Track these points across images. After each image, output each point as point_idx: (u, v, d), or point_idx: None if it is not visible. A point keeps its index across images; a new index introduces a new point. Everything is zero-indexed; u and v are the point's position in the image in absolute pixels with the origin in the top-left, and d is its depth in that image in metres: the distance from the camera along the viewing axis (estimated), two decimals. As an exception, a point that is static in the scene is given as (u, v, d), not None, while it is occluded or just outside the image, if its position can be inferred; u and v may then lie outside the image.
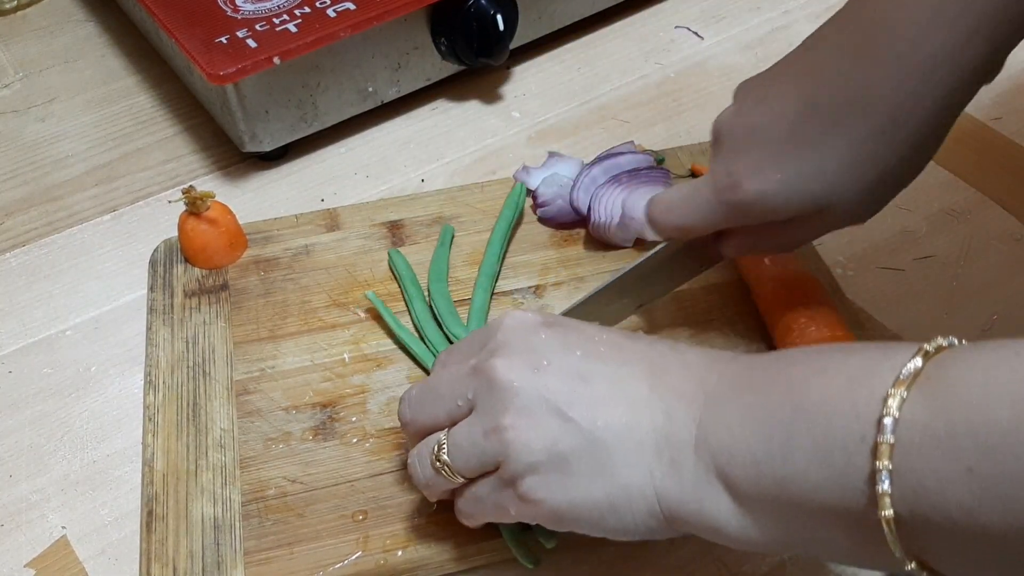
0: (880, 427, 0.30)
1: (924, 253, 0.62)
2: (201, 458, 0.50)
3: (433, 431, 0.42)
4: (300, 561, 0.46)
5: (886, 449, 0.30)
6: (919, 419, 0.30)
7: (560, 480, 0.38)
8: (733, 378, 0.37)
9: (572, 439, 0.37)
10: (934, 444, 0.30)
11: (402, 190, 0.67)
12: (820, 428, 0.33)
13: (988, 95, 0.72)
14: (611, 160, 0.62)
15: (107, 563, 0.49)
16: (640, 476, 0.37)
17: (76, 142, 0.72)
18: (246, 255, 0.60)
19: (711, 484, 0.36)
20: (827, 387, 0.33)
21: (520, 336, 0.40)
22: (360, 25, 0.64)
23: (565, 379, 0.38)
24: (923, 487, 0.30)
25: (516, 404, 0.38)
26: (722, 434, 0.36)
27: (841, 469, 0.32)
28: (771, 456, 0.34)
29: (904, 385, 0.31)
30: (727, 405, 0.36)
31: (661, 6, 0.82)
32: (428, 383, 0.43)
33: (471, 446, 0.39)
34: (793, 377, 0.35)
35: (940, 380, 0.31)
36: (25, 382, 0.57)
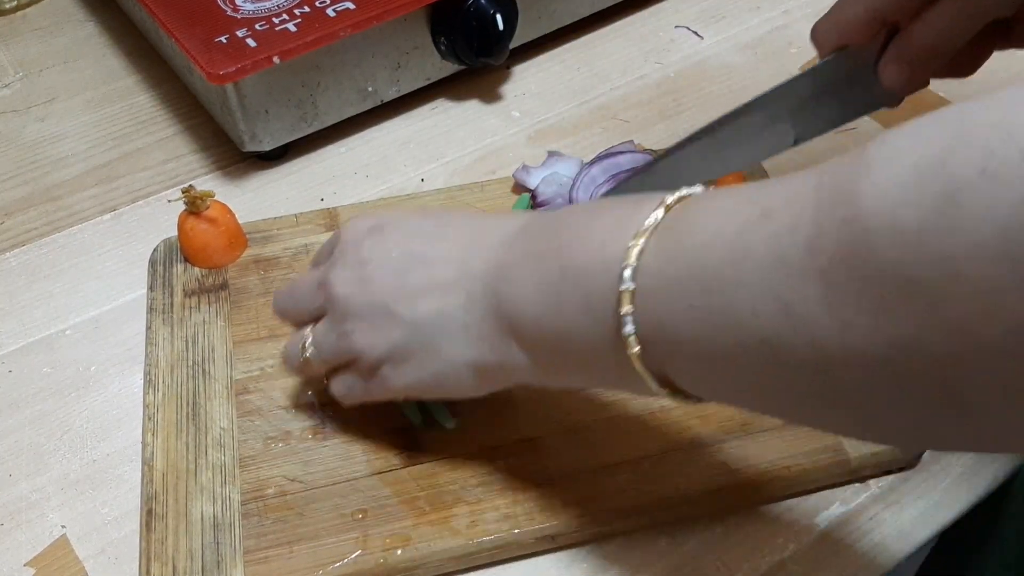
0: (621, 277, 0.35)
1: (924, 252, 0.62)
2: (201, 457, 0.50)
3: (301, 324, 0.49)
4: (300, 560, 0.46)
5: (626, 296, 0.35)
6: (653, 266, 0.35)
7: (403, 365, 0.44)
8: (520, 249, 0.42)
9: (401, 332, 0.44)
10: (664, 287, 0.34)
11: (402, 190, 0.68)
12: (582, 285, 0.37)
13: (988, 95, 0.72)
14: (611, 159, 0.62)
15: (107, 562, 0.49)
16: (459, 349, 0.43)
17: (76, 142, 0.72)
18: (246, 254, 0.60)
19: (510, 344, 0.42)
20: (586, 248, 0.38)
21: (351, 247, 0.46)
22: (360, 25, 0.64)
23: (386, 280, 0.44)
24: (659, 325, 0.35)
25: (352, 311, 0.45)
26: (511, 301, 0.41)
27: (599, 318, 0.37)
28: (547, 313, 0.39)
29: (644, 235, 0.35)
30: (514, 274, 0.41)
31: (661, 6, 0.82)
32: (292, 284, 0.50)
33: (328, 345, 0.46)
34: (561, 242, 0.39)
35: (674, 229, 0.35)
36: (25, 381, 0.57)
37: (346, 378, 0.48)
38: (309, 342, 0.47)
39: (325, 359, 0.47)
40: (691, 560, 0.47)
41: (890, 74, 0.48)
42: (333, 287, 0.45)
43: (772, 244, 0.31)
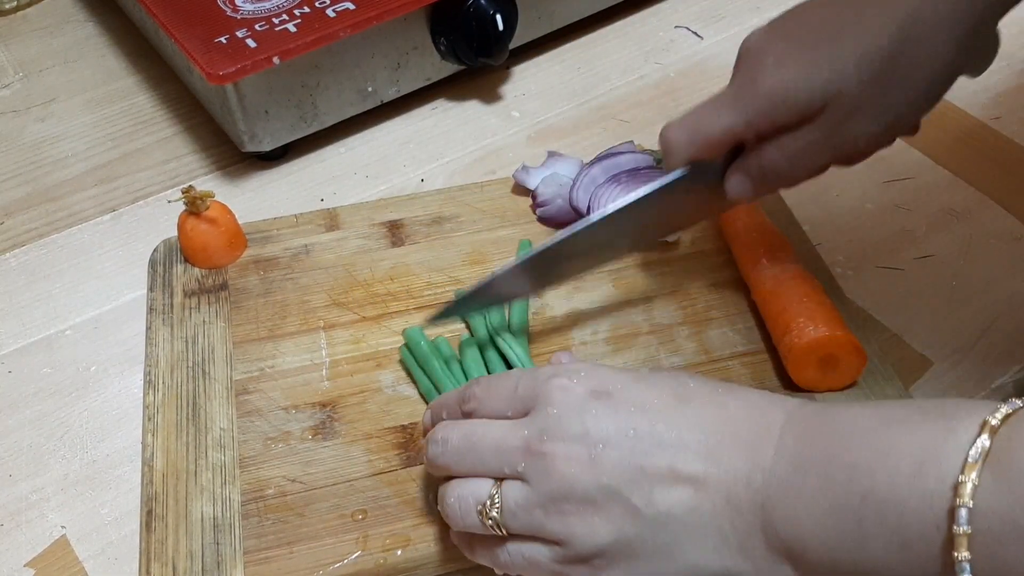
0: (954, 517, 0.30)
1: (924, 253, 0.62)
2: (201, 458, 0.50)
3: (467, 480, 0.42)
4: (300, 560, 0.46)
5: (963, 540, 0.30)
6: (994, 507, 0.30)
7: (627, 563, 0.38)
8: (791, 455, 0.36)
9: (636, 525, 0.38)
10: (1014, 533, 0.29)
11: (402, 190, 0.68)
12: (892, 517, 0.32)
13: (988, 95, 0.72)
14: (611, 160, 0.62)
15: (107, 563, 0.49)
16: (708, 557, 0.37)
17: (76, 142, 0.72)
18: (246, 255, 0.60)
19: (782, 568, 0.36)
20: (893, 474, 0.33)
21: (572, 413, 0.39)
22: (360, 25, 0.64)
23: (623, 464, 0.38)
24: (1005, 570, 0.30)
25: (577, 494, 0.38)
26: (790, 522, 0.35)
27: (919, 557, 0.32)
28: (844, 544, 0.34)
29: (974, 470, 0.30)
30: (790, 490, 0.36)
31: (661, 6, 0.82)
32: (470, 435, 0.42)
33: (529, 518, 0.39)
34: (855, 460, 0.34)
35: (1011, 462, 0.30)
36: (25, 382, 0.57)
37: (532, 551, 0.40)
38: (496, 506, 0.40)
39: (519, 529, 0.40)
40: (691, 560, 0.47)
41: (735, 187, 0.49)
42: (553, 460, 0.38)
43: None
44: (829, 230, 0.63)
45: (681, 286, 0.59)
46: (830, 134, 0.46)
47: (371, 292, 0.58)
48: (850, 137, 0.46)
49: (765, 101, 0.45)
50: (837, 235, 0.63)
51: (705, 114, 0.48)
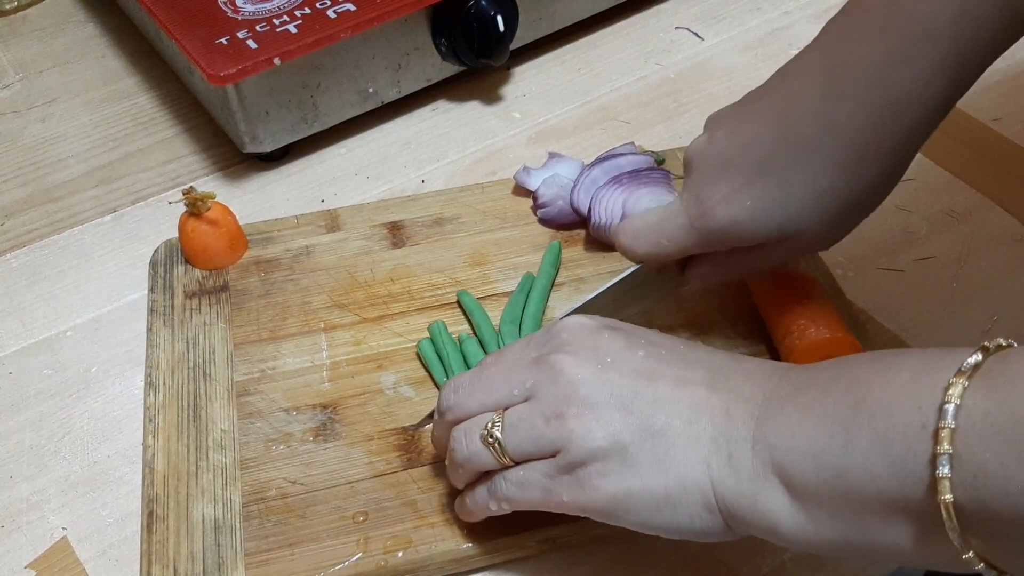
0: (941, 413, 0.31)
1: (924, 254, 0.62)
2: (202, 459, 0.50)
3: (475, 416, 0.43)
4: (301, 562, 0.46)
5: (947, 434, 0.31)
6: (980, 407, 0.31)
7: (619, 469, 0.38)
8: (793, 380, 0.38)
9: (633, 431, 0.38)
10: (996, 431, 0.30)
11: (402, 191, 0.68)
12: (881, 419, 0.33)
13: (988, 96, 0.72)
14: (611, 161, 0.62)
15: (108, 564, 0.49)
16: (697, 469, 0.38)
17: (76, 143, 0.72)
18: (246, 256, 0.60)
19: (768, 479, 0.37)
20: (889, 382, 0.34)
21: (583, 335, 0.41)
22: (360, 26, 0.64)
23: (628, 376, 0.40)
24: (984, 473, 0.30)
25: (580, 394, 0.39)
26: (781, 429, 0.36)
27: (901, 456, 0.33)
28: (830, 449, 0.35)
29: (965, 375, 0.32)
30: (787, 403, 0.37)
31: (661, 6, 0.82)
32: (481, 371, 0.43)
33: (529, 429, 0.40)
34: (856, 375, 0.36)
35: (1002, 373, 0.32)
36: (26, 383, 0.57)
37: (525, 473, 0.41)
38: (498, 425, 0.41)
39: (519, 445, 0.40)
40: (691, 561, 0.47)
41: (695, 283, 0.52)
42: (561, 363, 0.40)
43: None
44: (830, 231, 0.63)
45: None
46: (789, 254, 0.48)
47: (372, 293, 0.58)
48: (807, 253, 0.49)
49: (720, 235, 0.47)
50: (838, 236, 0.63)
51: (660, 233, 0.49)
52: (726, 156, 0.46)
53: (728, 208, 0.45)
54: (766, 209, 0.45)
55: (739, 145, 0.46)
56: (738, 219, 0.45)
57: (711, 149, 0.47)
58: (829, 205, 0.45)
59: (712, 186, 0.46)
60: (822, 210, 0.45)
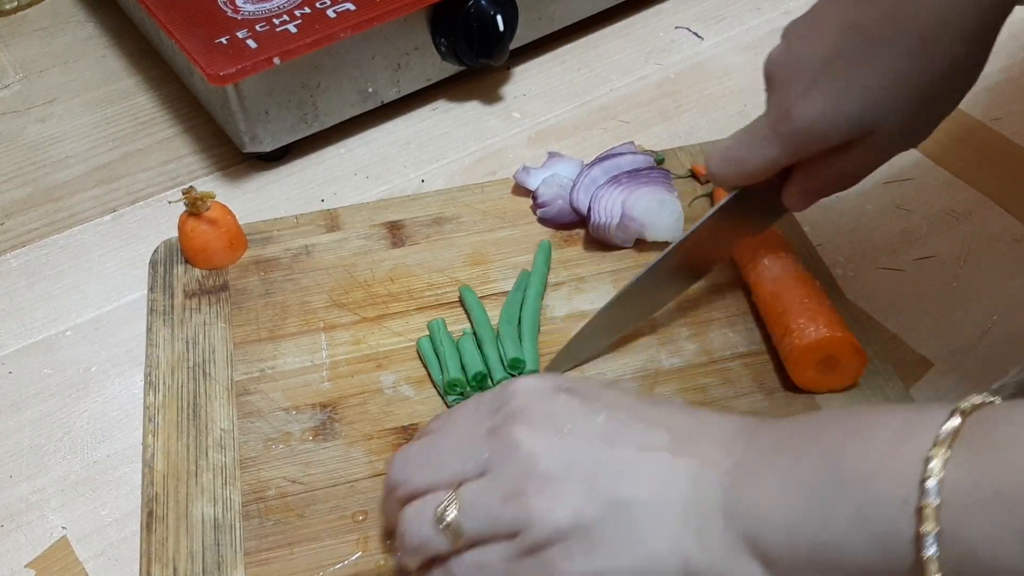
0: (923, 489, 0.30)
1: (924, 253, 0.62)
2: (201, 458, 0.50)
3: (426, 494, 0.40)
4: (300, 561, 0.46)
5: (931, 512, 0.30)
6: (964, 480, 0.30)
7: (584, 550, 0.36)
8: (763, 443, 0.36)
9: (597, 507, 0.36)
10: (982, 506, 0.29)
11: (402, 190, 0.68)
12: (859, 492, 0.32)
13: (988, 95, 0.72)
14: (611, 160, 0.62)
15: (107, 563, 0.49)
16: (666, 545, 0.36)
17: (76, 143, 0.72)
18: (246, 255, 0.61)
19: (741, 554, 0.35)
20: (865, 450, 0.33)
21: (538, 401, 0.39)
22: (360, 25, 0.64)
23: (589, 444, 0.37)
24: (972, 549, 0.29)
25: (539, 470, 0.37)
26: (754, 501, 0.35)
27: (883, 533, 0.31)
28: (807, 522, 0.33)
29: (945, 445, 0.30)
30: (758, 471, 0.35)
31: (661, 6, 0.82)
32: (431, 442, 0.41)
33: (486, 510, 0.38)
34: (829, 440, 0.34)
35: (981, 440, 0.30)
36: (25, 382, 0.57)
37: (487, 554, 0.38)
38: (451, 506, 0.38)
39: (477, 528, 0.38)
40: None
41: (795, 203, 0.50)
42: (517, 435, 0.38)
43: None
44: (829, 230, 0.63)
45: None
46: (876, 154, 0.47)
47: (371, 293, 0.58)
48: (896, 151, 0.47)
49: (803, 137, 0.46)
50: (837, 235, 0.63)
51: (746, 148, 0.48)
52: (800, 58, 0.45)
53: (806, 107, 0.45)
54: (843, 103, 0.44)
55: (812, 46, 0.45)
56: (816, 117, 0.45)
57: (786, 56, 0.46)
58: (904, 94, 0.44)
59: (789, 89, 0.46)
60: (898, 99, 0.44)
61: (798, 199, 0.50)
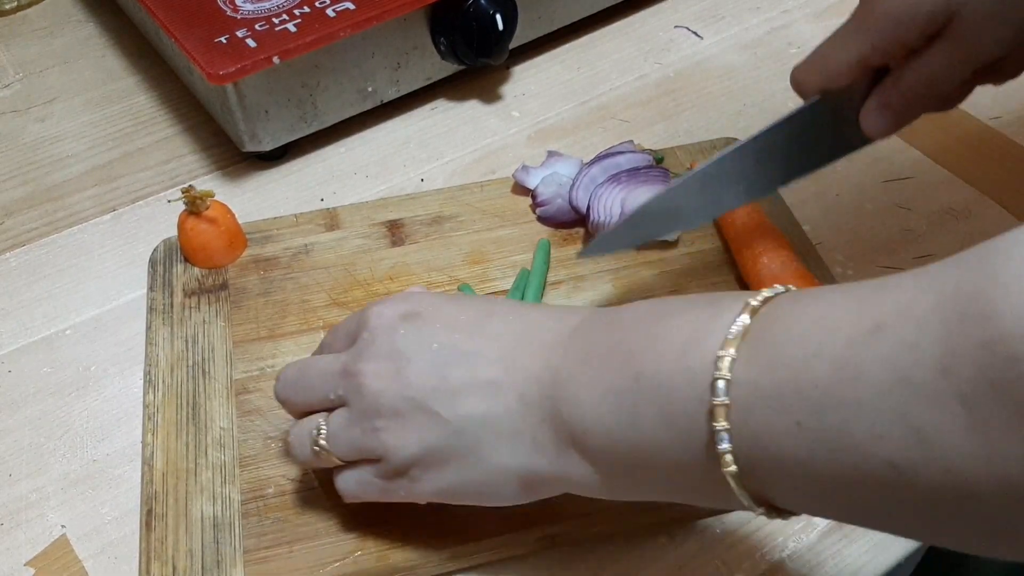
0: (714, 389, 0.33)
1: (923, 252, 0.62)
2: (201, 457, 0.50)
3: (308, 413, 0.45)
4: (300, 559, 0.46)
5: (721, 410, 0.32)
6: (748, 378, 0.32)
7: (436, 469, 0.41)
8: (575, 352, 0.39)
9: (440, 433, 0.40)
10: (764, 402, 0.32)
11: (402, 189, 0.68)
12: (662, 395, 0.35)
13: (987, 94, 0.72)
14: (610, 159, 0.62)
15: (107, 562, 0.49)
16: (506, 456, 0.40)
17: (76, 142, 0.72)
18: (246, 254, 0.61)
19: (571, 454, 0.38)
20: (663, 354, 0.35)
21: (383, 335, 0.42)
22: (360, 25, 0.64)
23: (425, 375, 0.41)
24: (759, 442, 0.32)
25: (384, 407, 0.41)
26: (572, 410, 0.38)
27: (685, 431, 0.34)
28: (620, 425, 0.36)
29: (733, 345, 0.33)
30: (574, 379, 0.38)
31: (661, 6, 0.82)
32: (303, 368, 0.45)
33: (349, 439, 0.43)
34: (631, 346, 0.37)
35: (765, 338, 0.32)
36: (25, 381, 0.57)
37: (360, 475, 0.44)
38: (323, 433, 0.43)
39: (345, 452, 0.43)
40: (691, 560, 0.47)
41: (874, 121, 0.48)
42: (363, 378, 0.42)
43: (891, 362, 0.29)
44: (829, 230, 0.63)
45: (681, 286, 0.59)
46: (963, 47, 0.44)
47: (371, 292, 0.58)
48: (985, 46, 0.44)
49: (887, 22, 0.44)
50: (837, 235, 0.63)
51: (831, 47, 0.47)
52: None
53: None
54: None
55: None
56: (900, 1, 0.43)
57: None
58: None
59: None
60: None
61: (877, 115, 0.47)
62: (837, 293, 0.32)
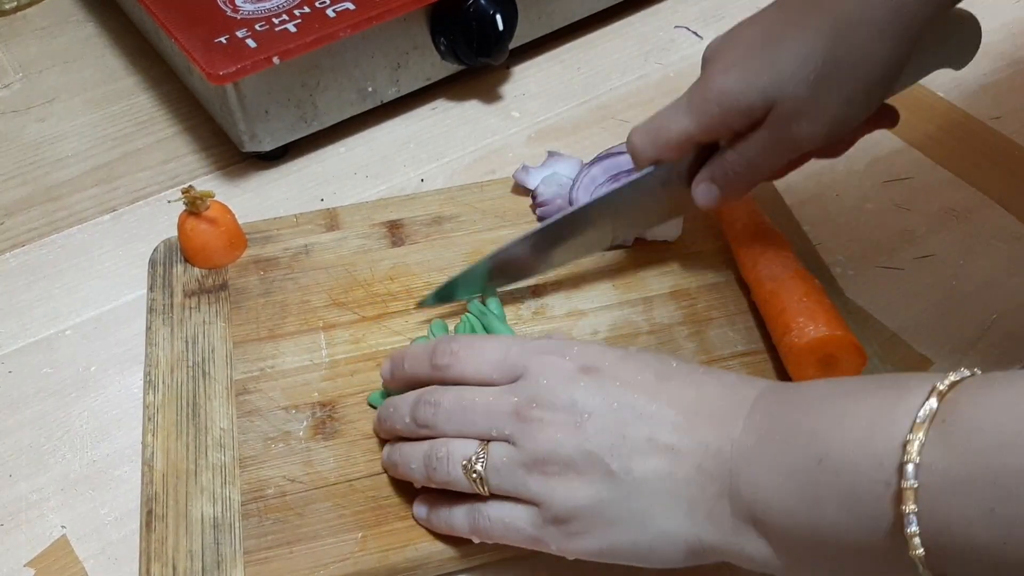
0: (902, 473, 0.32)
1: (924, 252, 0.62)
2: (201, 457, 0.50)
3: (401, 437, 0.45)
4: (300, 560, 0.46)
5: (910, 494, 0.32)
6: (939, 464, 0.32)
7: (603, 526, 0.40)
8: (757, 427, 0.39)
9: (612, 489, 0.40)
10: (955, 488, 0.32)
11: (402, 190, 0.68)
12: (846, 478, 0.35)
13: (988, 95, 0.72)
14: (610, 159, 0.62)
15: (107, 562, 0.49)
16: (679, 523, 0.39)
17: (76, 142, 0.72)
18: (246, 255, 0.61)
19: (748, 531, 0.38)
20: (848, 437, 0.35)
21: (561, 385, 0.42)
22: (359, 25, 0.64)
23: (605, 432, 0.41)
24: (948, 527, 0.32)
25: (560, 457, 0.41)
26: (753, 489, 0.38)
27: (870, 515, 0.34)
28: (801, 506, 0.36)
29: (921, 429, 0.33)
30: (755, 457, 0.38)
31: (661, 6, 0.82)
32: (461, 399, 0.44)
33: (511, 475, 0.42)
34: (814, 427, 0.37)
35: (955, 423, 0.32)
36: (25, 382, 0.57)
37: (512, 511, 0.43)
38: (482, 460, 0.43)
39: (500, 487, 0.42)
40: (691, 560, 0.47)
41: (702, 193, 0.52)
42: (541, 425, 0.41)
43: None
44: (829, 230, 0.63)
45: (681, 286, 0.59)
46: (779, 136, 0.48)
47: (371, 292, 0.58)
48: (797, 138, 0.48)
49: (714, 106, 0.48)
50: (837, 235, 0.63)
51: (664, 119, 0.51)
52: (733, 41, 0.49)
53: (721, 79, 0.48)
54: (753, 76, 0.47)
55: (746, 30, 0.49)
56: (728, 86, 0.48)
57: (723, 39, 0.50)
58: (810, 75, 0.46)
59: (714, 67, 0.49)
60: (803, 77, 0.46)
61: (703, 186, 0.52)
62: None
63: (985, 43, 0.52)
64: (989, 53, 0.75)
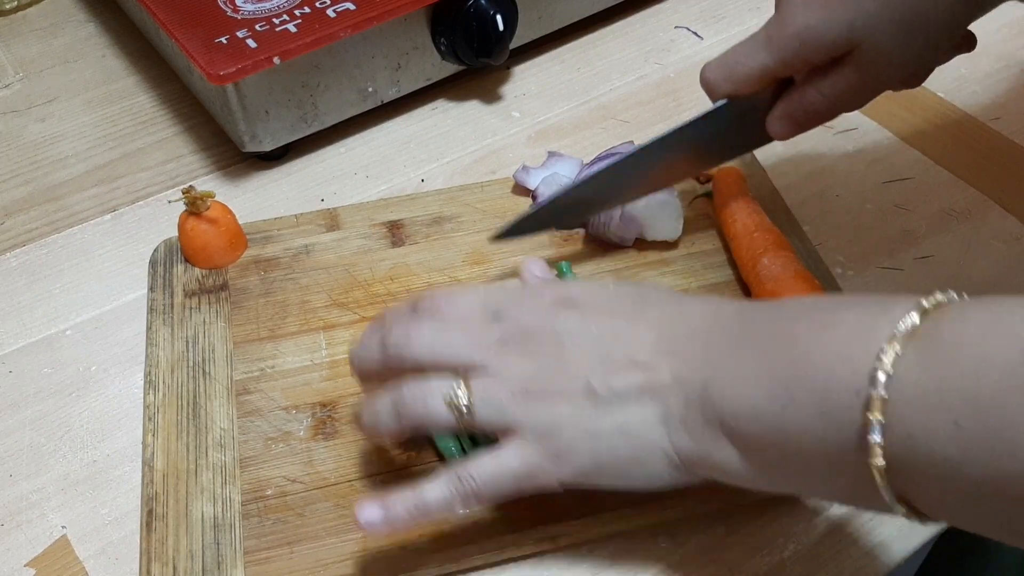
0: (873, 381, 0.33)
1: (924, 253, 0.62)
2: (201, 458, 0.50)
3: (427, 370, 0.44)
4: (300, 560, 0.46)
5: (878, 403, 0.33)
6: (911, 376, 0.32)
7: (587, 439, 0.41)
8: (736, 333, 0.40)
9: (595, 405, 0.41)
10: (924, 399, 0.32)
11: (402, 190, 0.68)
12: (819, 382, 0.35)
13: (988, 95, 0.72)
14: (611, 160, 0.62)
15: (107, 562, 0.49)
16: (658, 434, 0.40)
17: (76, 142, 0.72)
18: (246, 255, 0.61)
19: (719, 438, 0.39)
20: (827, 343, 0.36)
21: (540, 318, 0.43)
22: (360, 25, 0.64)
23: (586, 356, 0.42)
24: (911, 439, 0.32)
25: (543, 382, 0.42)
26: (725, 392, 0.38)
27: (837, 420, 0.34)
28: (771, 409, 0.37)
29: (899, 341, 0.33)
30: (730, 363, 0.39)
31: (661, 6, 0.82)
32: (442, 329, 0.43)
33: (497, 404, 0.42)
34: (794, 332, 0.37)
35: (935, 339, 0.33)
36: (25, 382, 0.57)
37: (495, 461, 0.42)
38: (460, 391, 0.42)
39: (487, 418, 0.42)
40: (691, 560, 0.47)
41: (777, 128, 0.52)
42: (523, 354, 0.42)
43: None
44: (829, 230, 0.63)
45: (681, 286, 0.59)
46: (863, 76, 0.48)
47: (371, 292, 0.58)
48: (883, 79, 0.48)
49: (794, 42, 0.47)
50: (837, 235, 0.63)
51: (741, 54, 0.50)
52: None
53: (802, 14, 0.47)
54: (835, 12, 0.46)
55: None
56: (810, 22, 0.47)
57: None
58: (894, 15, 0.45)
59: (792, 1, 0.48)
60: (887, 18, 0.46)
61: (780, 122, 0.52)
62: (1012, 305, 0.32)
63: (985, 43, 0.52)
64: (989, 53, 0.75)
